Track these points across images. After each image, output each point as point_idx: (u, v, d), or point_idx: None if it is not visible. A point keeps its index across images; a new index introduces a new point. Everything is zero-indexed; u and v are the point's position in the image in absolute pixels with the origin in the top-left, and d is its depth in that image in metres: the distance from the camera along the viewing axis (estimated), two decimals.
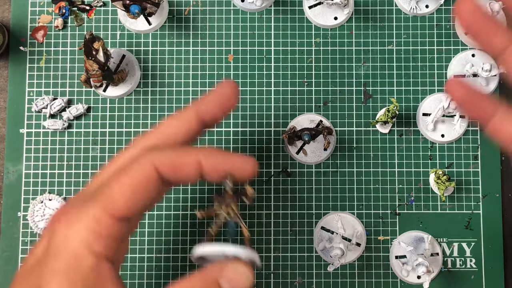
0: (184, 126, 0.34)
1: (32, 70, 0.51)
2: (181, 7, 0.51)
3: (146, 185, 0.30)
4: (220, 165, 0.32)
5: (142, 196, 0.30)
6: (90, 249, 0.28)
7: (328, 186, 0.50)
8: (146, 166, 0.30)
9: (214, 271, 0.30)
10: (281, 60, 0.51)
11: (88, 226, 0.29)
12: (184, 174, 0.31)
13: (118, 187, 0.30)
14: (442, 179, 0.47)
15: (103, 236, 0.29)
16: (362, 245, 0.49)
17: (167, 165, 0.31)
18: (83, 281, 0.28)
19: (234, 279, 0.30)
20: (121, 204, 0.29)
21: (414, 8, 0.50)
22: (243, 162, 0.32)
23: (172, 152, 0.31)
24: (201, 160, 0.31)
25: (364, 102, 0.50)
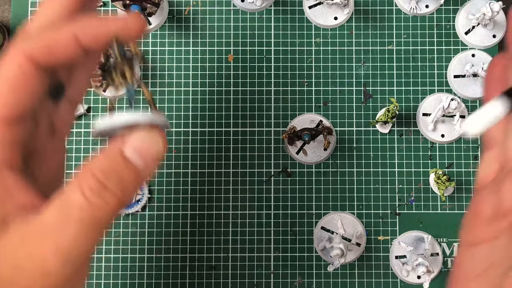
0: (61, 5, 0.30)
1: None
2: (181, 7, 0.51)
3: (23, 79, 0.27)
4: (99, 32, 0.28)
5: (22, 91, 0.27)
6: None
7: (328, 186, 0.50)
8: (16, 58, 0.27)
9: (116, 143, 0.27)
10: (281, 60, 0.51)
11: None
12: (62, 53, 0.28)
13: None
14: (442, 179, 0.47)
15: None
16: (362, 245, 0.49)
17: (39, 50, 0.27)
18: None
19: (140, 146, 0.27)
20: (3, 106, 0.27)
21: (414, 8, 0.50)
22: (125, 20, 0.29)
23: (41, 34, 0.28)
24: (76, 33, 0.28)
25: (364, 102, 0.50)
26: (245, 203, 0.50)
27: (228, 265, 0.49)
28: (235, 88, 0.51)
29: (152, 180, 0.50)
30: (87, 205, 0.25)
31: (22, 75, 0.27)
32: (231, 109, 0.50)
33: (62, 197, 0.26)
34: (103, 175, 0.26)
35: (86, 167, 0.26)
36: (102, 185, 0.26)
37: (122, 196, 0.26)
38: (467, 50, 0.51)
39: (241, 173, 0.50)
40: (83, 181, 0.26)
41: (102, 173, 0.26)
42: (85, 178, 0.26)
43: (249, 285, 0.49)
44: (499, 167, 0.28)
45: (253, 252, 0.49)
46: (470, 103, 0.50)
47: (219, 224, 0.49)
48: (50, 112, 0.31)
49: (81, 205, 0.25)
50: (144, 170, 0.27)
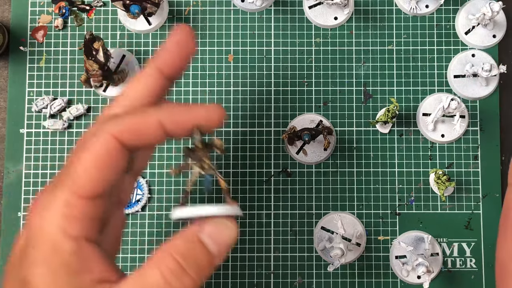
0: (147, 85, 0.32)
1: (32, 70, 0.51)
2: (181, 7, 0.51)
3: (109, 158, 0.29)
4: (183, 120, 0.30)
5: (107, 169, 0.29)
6: (66, 234, 0.27)
7: (328, 186, 0.50)
8: (105, 138, 0.29)
9: (194, 229, 0.29)
10: (281, 60, 0.51)
11: (59, 211, 0.28)
12: (147, 137, 0.30)
13: (81, 165, 0.28)
14: (442, 179, 0.47)
15: (77, 219, 0.28)
16: (362, 245, 0.49)
17: (126, 132, 0.29)
18: (66, 267, 0.27)
19: (215, 232, 0.29)
20: (87, 183, 0.28)
21: (414, 8, 0.50)
22: (208, 111, 0.31)
23: (130, 118, 0.30)
24: (162, 119, 0.30)
25: (364, 102, 0.50)
26: (245, 203, 0.50)
27: (228, 265, 0.49)
28: (235, 88, 0.51)
29: (152, 180, 0.50)
30: (166, 286, 0.26)
31: (108, 154, 0.29)
32: (231, 109, 0.50)
33: (140, 275, 0.27)
34: (182, 258, 0.27)
35: (164, 249, 0.28)
36: (181, 268, 0.27)
37: (198, 279, 0.28)
38: (467, 50, 0.51)
39: (241, 173, 0.50)
40: (162, 262, 0.27)
41: (181, 256, 0.27)
42: (164, 259, 0.27)
43: (249, 285, 0.49)
44: None
45: (253, 252, 0.49)
46: (470, 103, 0.50)
47: None
48: (119, 185, 0.33)
49: (160, 285, 0.26)
50: (217, 255, 0.29)
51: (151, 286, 0.26)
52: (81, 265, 0.27)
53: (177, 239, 0.28)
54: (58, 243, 0.27)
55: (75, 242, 0.28)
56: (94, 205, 0.29)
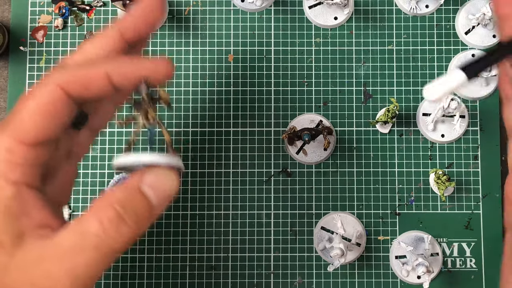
0: (105, 45, 0.32)
1: (32, 70, 0.51)
2: (181, 7, 0.51)
3: (53, 106, 0.29)
4: (130, 72, 0.30)
5: (51, 118, 0.29)
6: (6, 178, 0.28)
7: (328, 186, 0.50)
8: (50, 87, 0.29)
9: (134, 179, 0.29)
10: (281, 60, 0.51)
11: (1, 156, 0.28)
12: (94, 89, 0.29)
13: (25, 112, 0.29)
14: (442, 179, 0.47)
15: (17, 164, 0.28)
16: (362, 245, 0.49)
17: (73, 83, 0.29)
18: (5, 211, 0.27)
19: (156, 182, 0.29)
20: (30, 129, 0.28)
21: (414, 8, 0.50)
22: (155, 64, 0.31)
23: (76, 69, 0.30)
24: (109, 71, 0.29)
25: (364, 102, 0.50)
26: (245, 203, 0.50)
27: (228, 265, 0.49)
28: (235, 88, 0.51)
29: None
30: (104, 234, 0.27)
31: (53, 103, 0.29)
32: (231, 109, 0.50)
33: (80, 223, 0.27)
34: (121, 207, 0.27)
35: (104, 198, 0.28)
36: (120, 217, 0.27)
37: (137, 229, 0.28)
38: (467, 50, 0.51)
39: (241, 173, 0.50)
40: (101, 211, 0.27)
41: (120, 205, 0.27)
42: (104, 208, 0.27)
43: (249, 285, 0.49)
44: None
45: (253, 252, 0.49)
46: (470, 103, 0.50)
47: (219, 224, 0.49)
48: (70, 137, 0.33)
49: (98, 234, 0.27)
50: (157, 206, 0.29)
51: (89, 234, 0.27)
52: (21, 209, 0.28)
53: (117, 188, 0.28)
54: None
55: (15, 187, 0.28)
56: (36, 152, 0.29)
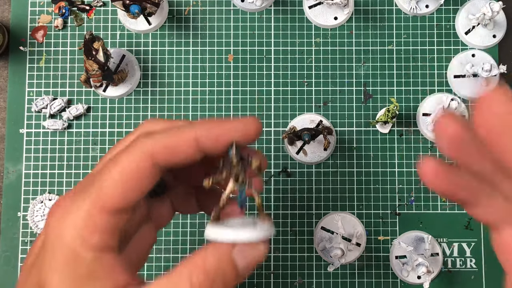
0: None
1: (32, 70, 0.51)
2: (181, 7, 0.51)
3: (138, 175, 0.28)
4: (219, 135, 0.29)
5: (135, 186, 0.29)
6: (86, 243, 0.28)
7: (328, 186, 0.50)
8: (137, 154, 0.29)
9: (228, 246, 0.29)
10: (281, 60, 0.51)
11: (80, 220, 0.28)
12: (182, 155, 0.29)
13: (109, 179, 0.28)
14: None
15: (97, 230, 0.28)
16: (362, 245, 0.49)
17: (160, 150, 0.29)
18: (86, 274, 0.28)
19: (246, 253, 0.29)
20: (112, 197, 0.28)
21: (414, 8, 0.50)
22: (244, 124, 0.30)
23: (165, 135, 0.29)
24: (197, 135, 0.29)
25: (364, 102, 0.50)
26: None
27: None
28: (235, 88, 0.51)
29: None
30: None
31: (138, 172, 0.28)
32: (231, 109, 0.50)
33: (171, 281, 0.28)
34: (212, 272, 0.28)
35: (197, 261, 0.28)
36: (210, 282, 0.28)
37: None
38: (467, 50, 0.51)
39: None
40: (194, 274, 0.28)
41: (212, 272, 0.28)
42: (196, 272, 0.28)
43: (249, 285, 0.49)
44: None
45: None
46: (470, 103, 0.50)
47: None
48: (149, 203, 0.34)
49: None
50: (243, 275, 0.29)
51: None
52: (102, 272, 0.28)
53: (210, 253, 0.29)
54: (78, 252, 0.28)
55: (94, 251, 0.28)
56: (115, 219, 0.29)
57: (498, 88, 0.23)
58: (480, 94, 0.23)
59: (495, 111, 0.23)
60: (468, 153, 0.24)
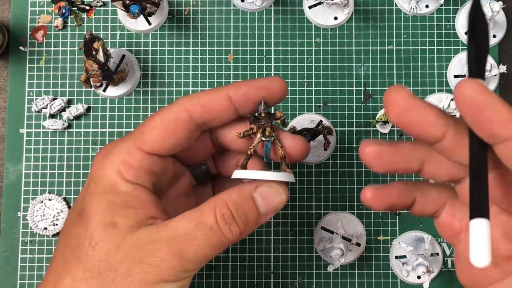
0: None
1: (32, 70, 0.51)
2: (181, 7, 0.51)
3: (176, 124, 0.32)
4: (249, 92, 0.33)
5: (172, 135, 0.32)
6: (123, 177, 0.31)
7: (328, 186, 0.50)
8: (177, 107, 0.32)
9: (250, 187, 0.32)
10: (281, 60, 0.51)
11: (120, 157, 0.32)
12: (217, 111, 0.33)
13: (149, 125, 0.32)
14: None
15: (134, 167, 0.32)
16: (362, 245, 0.49)
17: (198, 106, 0.32)
18: (121, 202, 0.31)
19: (267, 194, 0.32)
20: (151, 141, 0.32)
21: (414, 8, 0.50)
22: (271, 81, 0.33)
23: (201, 94, 0.33)
24: (229, 93, 0.33)
25: (364, 102, 0.50)
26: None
27: (228, 265, 0.49)
28: None
29: None
30: (216, 228, 0.31)
31: (175, 121, 0.32)
32: None
33: (197, 214, 0.31)
34: (234, 208, 0.31)
35: (222, 197, 0.32)
36: (232, 216, 0.31)
37: (243, 231, 0.32)
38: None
39: None
40: (218, 207, 0.31)
41: (234, 206, 0.31)
42: (220, 206, 0.31)
43: (249, 285, 0.49)
44: None
45: (253, 252, 0.49)
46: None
47: None
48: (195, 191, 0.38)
49: (212, 227, 0.30)
50: (264, 215, 0.33)
51: (204, 225, 0.30)
52: (135, 202, 0.31)
53: (234, 191, 0.32)
54: (116, 183, 0.31)
55: (130, 184, 0.31)
56: (150, 160, 0.32)
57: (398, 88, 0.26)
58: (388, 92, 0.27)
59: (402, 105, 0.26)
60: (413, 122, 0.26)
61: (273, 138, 0.34)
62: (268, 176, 0.32)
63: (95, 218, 0.31)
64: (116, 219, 0.30)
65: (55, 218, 0.49)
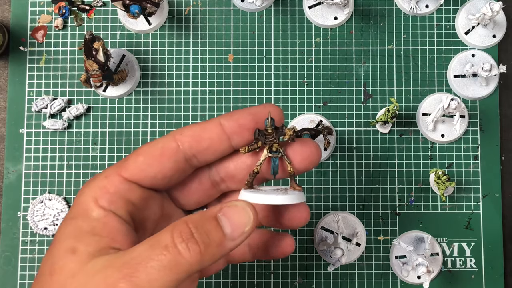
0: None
1: (32, 70, 0.51)
2: (181, 7, 0.51)
3: (161, 152, 0.31)
4: (242, 119, 0.32)
5: (156, 162, 0.31)
6: (97, 202, 0.30)
7: (328, 186, 0.50)
8: (166, 137, 0.32)
9: (215, 208, 0.30)
10: (281, 60, 0.51)
11: (99, 183, 0.31)
12: (208, 139, 0.32)
13: (135, 153, 0.32)
14: (442, 179, 0.47)
15: (109, 192, 0.30)
16: (362, 245, 0.49)
17: (187, 136, 0.31)
18: (89, 228, 0.30)
19: (232, 215, 0.30)
20: (132, 165, 0.31)
21: (414, 8, 0.50)
22: (264, 108, 0.33)
23: (191, 125, 0.32)
24: (221, 121, 0.32)
25: (364, 102, 0.50)
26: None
27: (228, 265, 0.49)
28: (235, 88, 0.51)
29: None
30: (172, 246, 0.28)
31: (162, 151, 0.31)
32: (231, 109, 0.50)
33: (153, 237, 0.29)
34: (194, 225, 0.29)
35: (183, 218, 0.30)
36: (190, 233, 0.29)
37: (203, 249, 0.29)
38: (467, 50, 0.51)
39: None
40: (176, 226, 0.29)
41: (194, 225, 0.29)
42: (179, 224, 0.29)
43: (249, 285, 0.49)
44: None
45: None
46: (470, 103, 0.50)
47: None
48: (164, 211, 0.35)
49: (167, 246, 0.28)
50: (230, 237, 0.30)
51: (158, 245, 0.28)
52: (103, 230, 0.30)
53: (195, 213, 0.31)
54: (88, 209, 0.30)
55: (101, 210, 0.30)
56: (129, 187, 0.31)
57: None
58: None
59: None
60: None
61: (280, 154, 0.32)
62: (278, 201, 0.30)
63: (57, 243, 0.30)
64: (76, 245, 0.29)
65: (55, 218, 0.49)
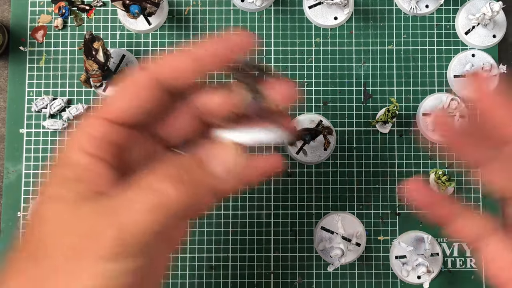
0: None
1: (32, 70, 0.51)
2: (181, 7, 0.51)
3: (140, 89, 0.30)
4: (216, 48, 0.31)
5: (137, 99, 0.30)
6: (83, 149, 0.29)
7: (328, 186, 0.50)
8: (141, 74, 0.31)
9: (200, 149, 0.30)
10: (281, 60, 0.51)
11: (83, 130, 0.30)
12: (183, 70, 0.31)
13: (114, 94, 0.31)
14: (442, 179, 0.47)
15: (95, 138, 0.29)
16: (362, 245, 0.49)
17: (161, 67, 0.31)
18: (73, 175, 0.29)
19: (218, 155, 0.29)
20: (114, 107, 0.30)
21: (414, 8, 0.50)
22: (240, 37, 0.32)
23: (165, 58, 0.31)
24: (196, 50, 0.31)
25: (364, 102, 0.50)
26: (245, 203, 0.49)
27: (228, 265, 0.49)
28: None
29: None
30: (157, 186, 0.27)
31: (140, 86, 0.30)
32: None
33: (139, 181, 0.28)
34: (179, 164, 0.28)
35: (166, 161, 0.29)
36: (178, 175, 0.28)
37: (191, 189, 0.28)
38: (467, 50, 0.51)
39: None
40: (160, 167, 0.28)
41: (179, 166, 0.28)
42: (164, 167, 0.28)
43: (249, 285, 0.49)
44: None
45: (253, 252, 0.49)
46: (470, 103, 0.50)
47: (219, 224, 0.49)
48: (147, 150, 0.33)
49: (151, 185, 0.27)
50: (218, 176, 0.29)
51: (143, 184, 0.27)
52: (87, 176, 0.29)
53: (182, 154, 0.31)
54: (70, 155, 0.29)
55: (88, 157, 0.29)
56: (113, 129, 0.30)
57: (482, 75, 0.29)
58: (471, 75, 0.29)
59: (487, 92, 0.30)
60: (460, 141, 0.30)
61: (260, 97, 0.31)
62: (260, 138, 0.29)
63: (43, 192, 0.29)
64: (61, 192, 0.28)
65: None
